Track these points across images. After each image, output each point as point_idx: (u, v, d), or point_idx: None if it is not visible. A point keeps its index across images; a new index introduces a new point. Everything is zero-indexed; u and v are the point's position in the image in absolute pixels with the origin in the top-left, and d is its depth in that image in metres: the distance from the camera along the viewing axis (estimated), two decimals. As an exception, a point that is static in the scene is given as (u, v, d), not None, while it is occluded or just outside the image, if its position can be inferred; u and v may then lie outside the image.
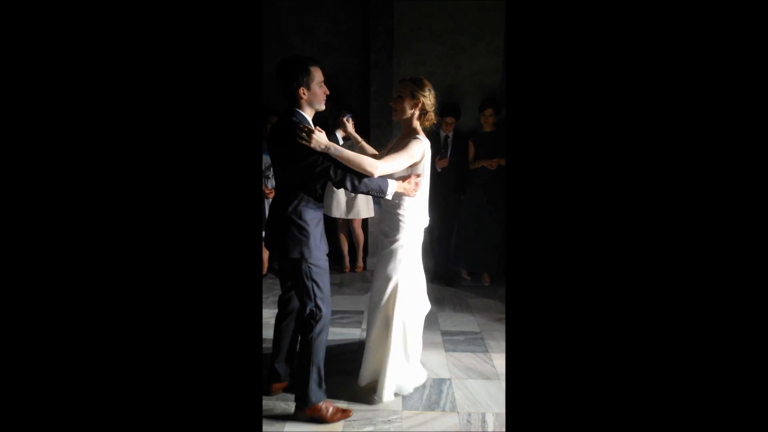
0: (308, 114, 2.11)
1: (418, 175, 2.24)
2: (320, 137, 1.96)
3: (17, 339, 1.01)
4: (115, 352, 1.07)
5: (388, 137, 4.47)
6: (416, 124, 2.29)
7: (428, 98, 2.26)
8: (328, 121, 4.07)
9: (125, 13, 1.05)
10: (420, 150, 2.21)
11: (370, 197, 4.09)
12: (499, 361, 2.83)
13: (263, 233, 2.39)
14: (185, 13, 1.09)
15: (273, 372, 2.43)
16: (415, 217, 2.31)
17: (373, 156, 2.40)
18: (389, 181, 2.14)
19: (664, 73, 1.00)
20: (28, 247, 1.02)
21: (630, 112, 1.03)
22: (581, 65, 1.05)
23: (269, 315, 3.47)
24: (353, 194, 4.12)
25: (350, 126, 2.51)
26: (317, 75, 2.07)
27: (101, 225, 1.06)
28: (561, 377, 1.07)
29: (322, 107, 2.14)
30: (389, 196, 2.16)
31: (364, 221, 4.41)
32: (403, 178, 2.22)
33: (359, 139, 2.60)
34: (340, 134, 2.49)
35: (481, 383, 2.60)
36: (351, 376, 2.61)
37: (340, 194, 4.14)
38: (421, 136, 2.26)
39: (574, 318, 1.06)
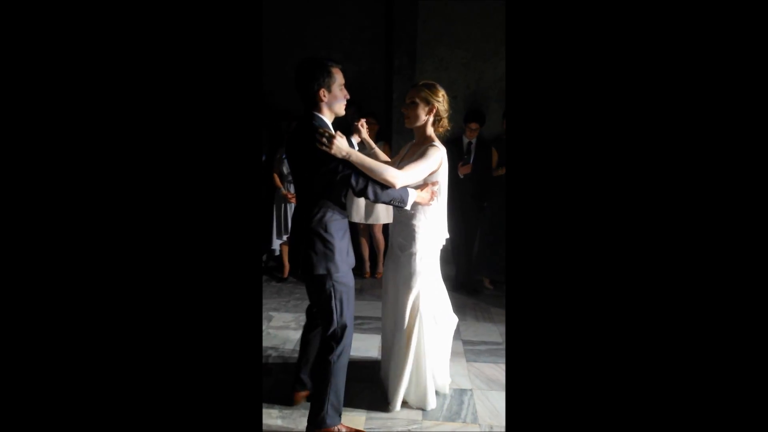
0: (328, 118, 2.00)
1: (434, 183, 2.16)
2: (341, 143, 1.85)
3: (17, 339, 1.01)
4: (114, 352, 1.06)
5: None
6: (431, 131, 2.22)
7: (442, 104, 2.18)
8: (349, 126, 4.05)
9: (126, 14, 1.05)
10: (438, 158, 2.13)
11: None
12: (522, 373, 2.76)
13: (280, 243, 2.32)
14: (186, 14, 1.08)
15: (298, 380, 2.38)
16: (431, 228, 2.22)
17: (386, 163, 2.29)
18: (410, 190, 2.05)
19: (664, 74, 1.00)
20: (27, 249, 1.02)
21: (630, 112, 1.02)
22: (581, 66, 1.05)
23: (290, 319, 3.48)
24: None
25: (365, 132, 2.43)
26: (338, 77, 1.96)
27: (101, 226, 1.06)
28: (562, 380, 1.07)
29: (343, 112, 2.04)
30: (408, 206, 2.06)
31: (385, 226, 4.39)
32: (420, 187, 2.13)
33: (373, 145, 2.52)
34: (355, 140, 2.40)
35: (504, 395, 2.54)
36: (371, 383, 2.58)
37: (360, 199, 4.09)
38: (438, 143, 2.18)
39: (575, 320, 1.06)
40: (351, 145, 2.33)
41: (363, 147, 2.48)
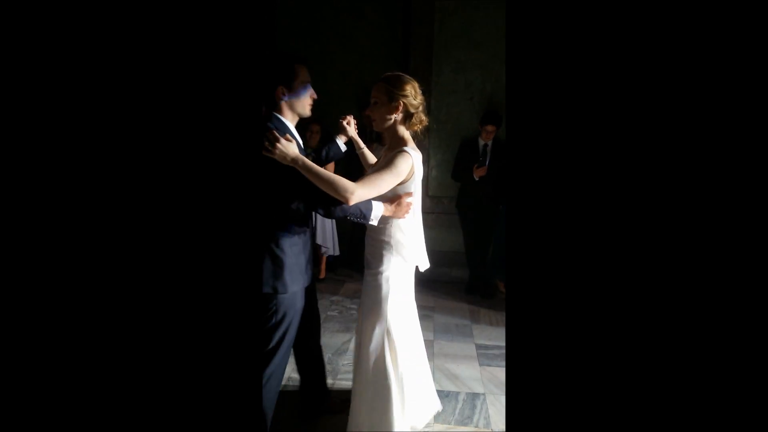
0: (290, 120, 1.81)
1: (407, 195, 1.84)
2: (287, 148, 1.61)
3: (16, 338, 1.01)
4: (113, 352, 1.06)
5: (426, 145, 4.44)
6: (402, 131, 1.86)
7: (410, 98, 1.81)
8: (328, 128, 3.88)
9: (127, 13, 1.05)
10: (407, 166, 1.78)
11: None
12: (535, 378, 2.74)
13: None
14: (187, 13, 1.08)
15: (321, 392, 2.28)
16: (403, 245, 1.88)
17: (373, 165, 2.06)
18: (373, 203, 1.76)
19: (666, 75, 0.99)
20: (27, 249, 1.02)
21: (630, 113, 1.02)
22: (581, 67, 1.04)
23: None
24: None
25: (352, 129, 2.16)
26: (302, 74, 1.77)
27: (101, 227, 1.05)
28: (562, 381, 1.06)
29: (307, 112, 1.84)
30: (374, 222, 1.79)
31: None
32: (391, 199, 1.83)
33: (361, 144, 2.23)
34: (341, 140, 2.17)
35: (517, 400, 2.52)
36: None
37: None
38: (409, 147, 1.82)
39: (576, 321, 1.05)
40: (337, 147, 2.14)
41: (352, 146, 2.26)
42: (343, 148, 2.17)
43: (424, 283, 4.21)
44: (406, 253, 1.89)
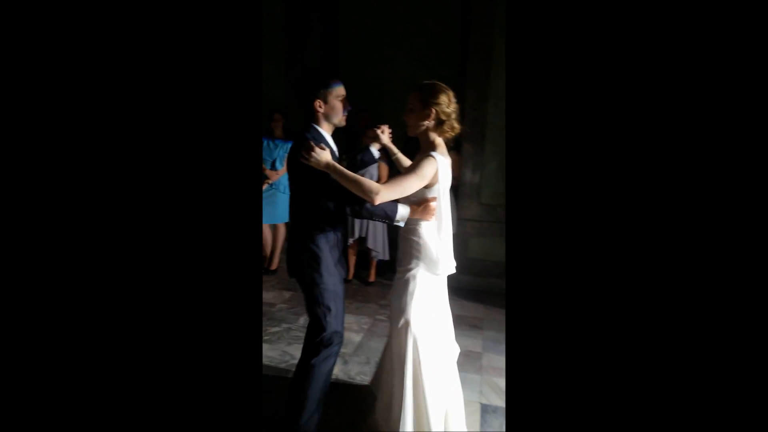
0: (326, 130, 2.00)
1: (433, 199, 1.93)
2: (320, 155, 1.80)
3: (16, 338, 1.01)
4: (112, 352, 1.06)
5: (481, 151, 4.37)
6: (434, 137, 1.95)
7: (443, 106, 1.90)
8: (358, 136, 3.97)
9: (128, 14, 1.06)
10: (431, 170, 1.87)
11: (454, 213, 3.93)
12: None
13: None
14: (187, 14, 1.09)
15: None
16: (432, 245, 1.95)
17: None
18: (399, 206, 1.91)
19: (666, 75, 1.00)
20: (27, 246, 1.02)
21: (629, 112, 1.02)
22: (581, 66, 1.04)
23: (351, 321, 3.51)
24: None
25: (385, 137, 2.27)
26: (336, 89, 1.97)
27: (101, 225, 1.05)
28: (562, 381, 1.06)
29: (342, 123, 2.03)
30: (400, 223, 1.94)
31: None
32: (420, 203, 1.94)
33: (395, 150, 2.34)
34: (375, 147, 2.28)
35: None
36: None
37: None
38: (438, 153, 1.91)
39: (576, 321, 1.05)
40: (371, 155, 2.26)
41: (386, 154, 2.38)
42: (377, 154, 2.29)
43: (473, 294, 4.14)
44: (436, 254, 1.95)
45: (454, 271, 2.03)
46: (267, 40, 5.00)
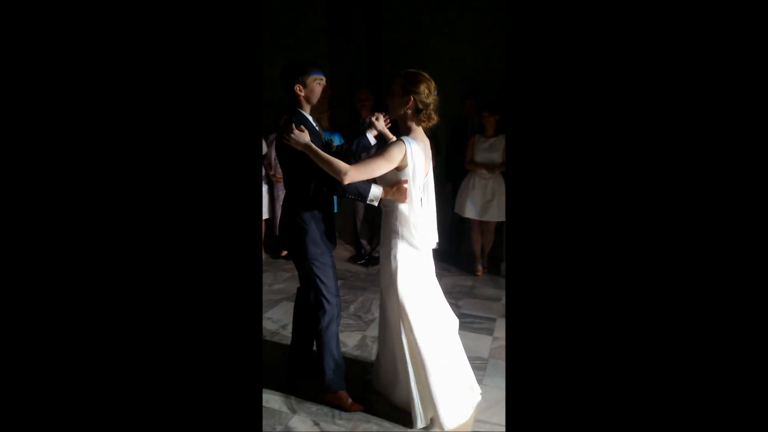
0: (308, 112, 2.15)
1: (405, 181, 2.00)
2: (299, 136, 1.94)
3: (15, 338, 0.99)
4: (112, 351, 1.04)
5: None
6: (411, 124, 2.02)
7: (422, 95, 1.95)
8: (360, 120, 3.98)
9: (129, 14, 1.04)
10: (399, 154, 1.93)
11: (503, 199, 3.78)
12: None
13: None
14: (188, 14, 1.07)
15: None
16: (412, 226, 2.04)
17: None
18: (372, 186, 2.03)
19: (666, 76, 0.99)
20: (27, 246, 1.00)
21: (629, 111, 1.01)
22: (582, 66, 1.04)
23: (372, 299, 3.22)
24: (490, 197, 3.89)
25: (381, 124, 2.37)
26: (315, 75, 2.10)
27: (101, 224, 1.03)
28: (563, 381, 1.06)
29: (317, 102, 2.17)
30: (374, 202, 2.05)
31: (500, 224, 4.13)
32: (393, 185, 2.03)
33: (391, 136, 2.37)
34: (371, 134, 2.38)
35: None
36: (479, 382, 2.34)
37: (476, 195, 3.96)
38: (410, 138, 1.98)
39: (576, 320, 1.05)
40: (367, 141, 2.38)
41: (384, 140, 2.41)
42: (373, 141, 2.41)
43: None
44: (415, 233, 2.05)
45: (435, 246, 2.16)
46: (309, 36, 4.84)
